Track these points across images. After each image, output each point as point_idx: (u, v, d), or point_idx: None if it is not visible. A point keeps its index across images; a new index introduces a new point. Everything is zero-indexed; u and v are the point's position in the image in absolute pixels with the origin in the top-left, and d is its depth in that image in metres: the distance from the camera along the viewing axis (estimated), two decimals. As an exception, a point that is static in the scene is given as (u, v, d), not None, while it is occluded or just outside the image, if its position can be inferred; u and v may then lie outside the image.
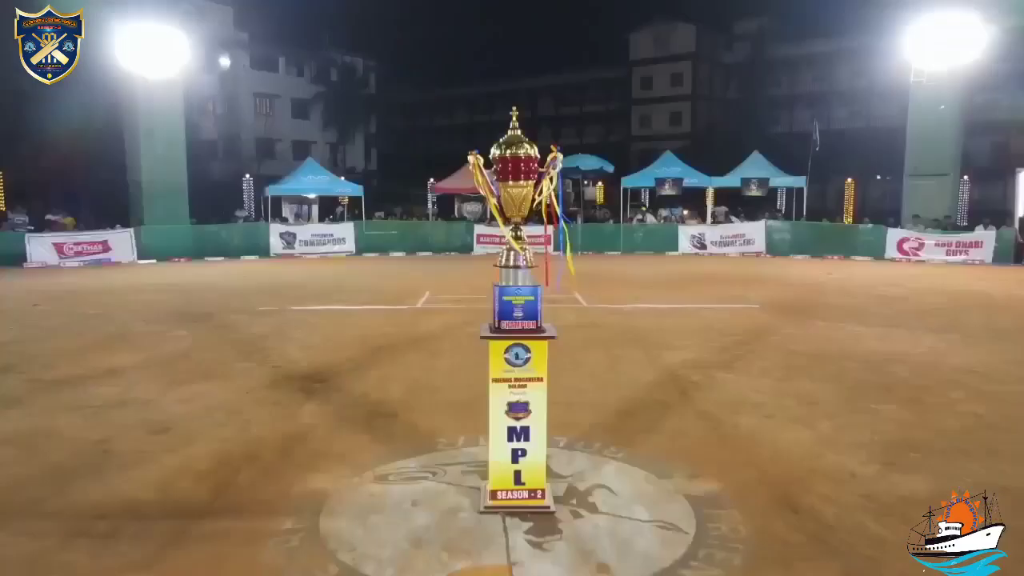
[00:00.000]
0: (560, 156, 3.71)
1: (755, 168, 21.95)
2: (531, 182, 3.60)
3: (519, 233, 3.67)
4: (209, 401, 5.78)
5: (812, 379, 6.48)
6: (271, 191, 21.85)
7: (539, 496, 3.68)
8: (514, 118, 3.69)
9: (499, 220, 3.68)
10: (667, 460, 4.41)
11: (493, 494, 3.68)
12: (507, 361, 3.61)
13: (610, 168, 24.62)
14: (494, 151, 3.60)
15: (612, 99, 57.80)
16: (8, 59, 9.63)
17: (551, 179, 3.69)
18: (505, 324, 3.61)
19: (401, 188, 39.58)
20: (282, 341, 8.23)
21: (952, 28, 18.00)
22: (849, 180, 33.83)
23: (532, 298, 3.60)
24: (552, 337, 3.64)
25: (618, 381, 6.39)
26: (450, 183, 23.52)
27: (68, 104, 21.04)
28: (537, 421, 3.65)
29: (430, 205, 25.02)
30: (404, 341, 8.19)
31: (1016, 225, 18.57)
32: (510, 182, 3.58)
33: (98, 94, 20.76)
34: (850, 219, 30.19)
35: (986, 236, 17.99)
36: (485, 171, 3.66)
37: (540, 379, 3.63)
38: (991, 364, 7.01)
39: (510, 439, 3.65)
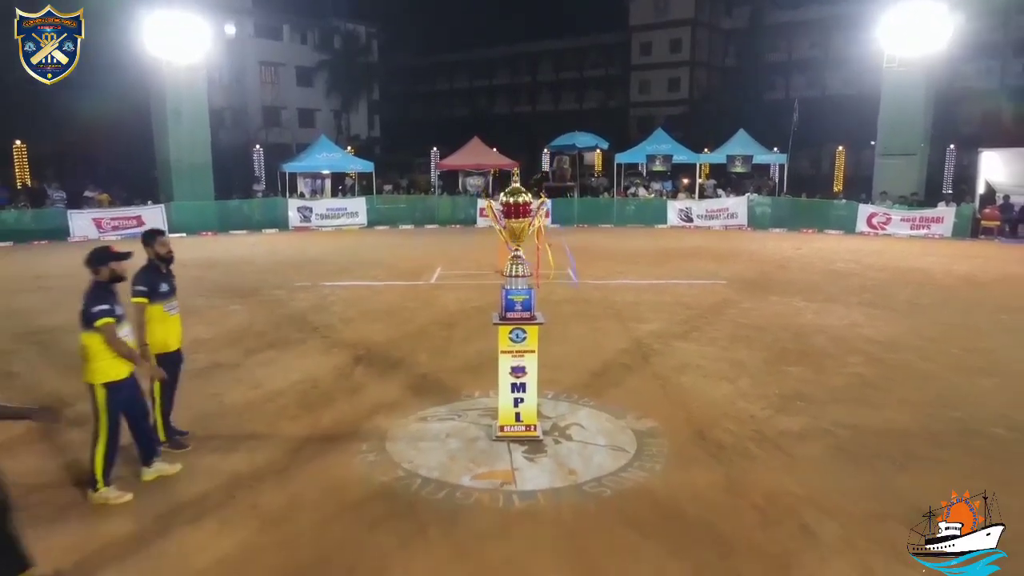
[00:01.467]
0: (548, 202, 5.41)
1: (740, 145, 23.43)
2: (527, 219, 5.30)
3: (519, 253, 5.38)
4: (282, 365, 7.57)
5: (748, 347, 8.26)
6: (287, 168, 23.40)
7: (532, 429, 5.48)
8: (515, 174, 5.38)
9: (508, 244, 5.37)
10: (624, 407, 6.20)
11: (501, 428, 5.48)
12: (511, 339, 5.36)
13: (605, 145, 26.06)
14: (502, 197, 5.30)
15: (612, 64, 58.33)
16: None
17: (539, 216, 5.38)
18: (509, 314, 5.36)
19: (405, 157, 40.75)
20: (324, 315, 9.99)
21: (921, 17, 19.35)
22: (840, 148, 35.20)
23: (527, 297, 5.34)
24: (541, 323, 5.40)
25: (596, 349, 8.17)
26: (454, 159, 25.04)
27: (96, 88, 22.52)
28: (531, 379, 5.42)
29: (433, 178, 26.50)
30: (424, 315, 9.95)
31: (976, 202, 20.15)
32: (512, 219, 5.28)
33: (125, 79, 22.19)
34: (840, 186, 31.69)
35: (947, 212, 19.63)
36: (496, 211, 5.37)
37: (533, 351, 5.39)
38: (895, 335, 8.78)
39: (512, 391, 5.43)
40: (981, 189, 20.39)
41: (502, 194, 5.35)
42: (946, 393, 6.62)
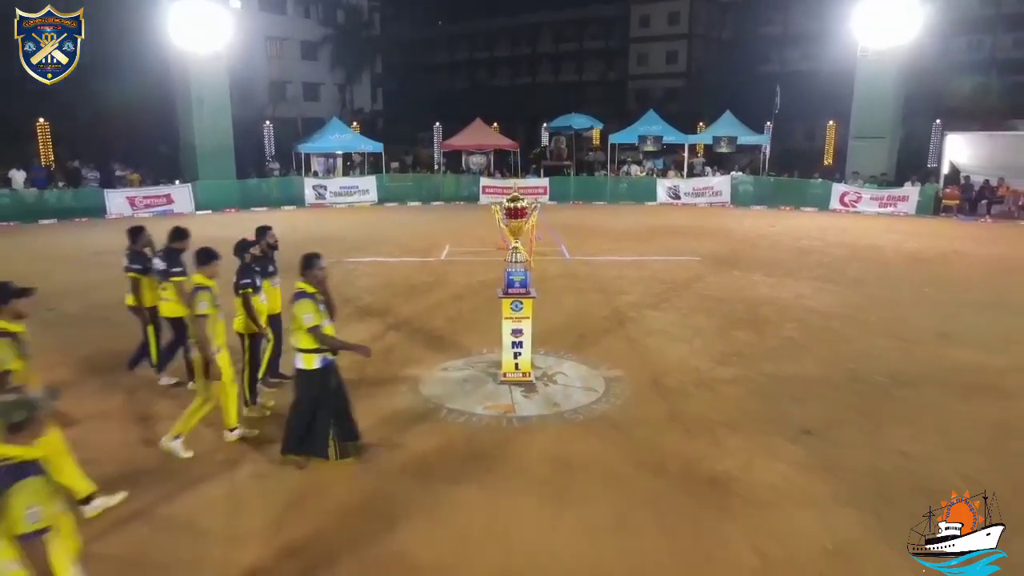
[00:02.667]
0: (538, 207, 7.15)
1: (726, 127, 25.00)
2: (523, 219, 7.07)
3: (518, 245, 7.15)
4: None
5: (706, 315, 10.07)
6: (303, 149, 25.06)
7: (528, 376, 7.31)
8: (515, 191, 7.13)
9: (510, 239, 7.15)
10: (599, 360, 8.02)
11: (504, 375, 7.31)
12: (511, 308, 7.16)
13: (600, 125, 27.62)
14: (505, 203, 7.06)
15: (611, 36, 59.15)
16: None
17: (531, 218, 7.15)
18: (510, 290, 7.15)
19: (408, 131, 42.08)
20: (353, 288, 11.78)
21: (892, 10, 20.81)
22: (831, 123, 36.64)
23: (523, 277, 7.13)
24: (535, 297, 7.20)
25: (581, 316, 9.97)
26: (458, 140, 26.65)
27: (115, 71, 24.03)
28: (527, 339, 7.24)
29: (438, 156, 28.08)
30: (438, 288, 11.76)
31: (940, 182, 21.82)
32: (512, 220, 7.05)
33: (142, 64, 23.67)
34: (831, 160, 33.29)
35: (912, 191, 21.32)
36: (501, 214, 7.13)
37: (528, 317, 7.20)
38: (830, 305, 10.58)
39: (512, 348, 7.24)
40: (946, 169, 22.04)
41: (505, 200, 7.12)
42: (852, 351, 8.45)
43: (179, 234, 7.27)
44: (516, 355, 7.27)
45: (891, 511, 4.90)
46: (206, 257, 6.03)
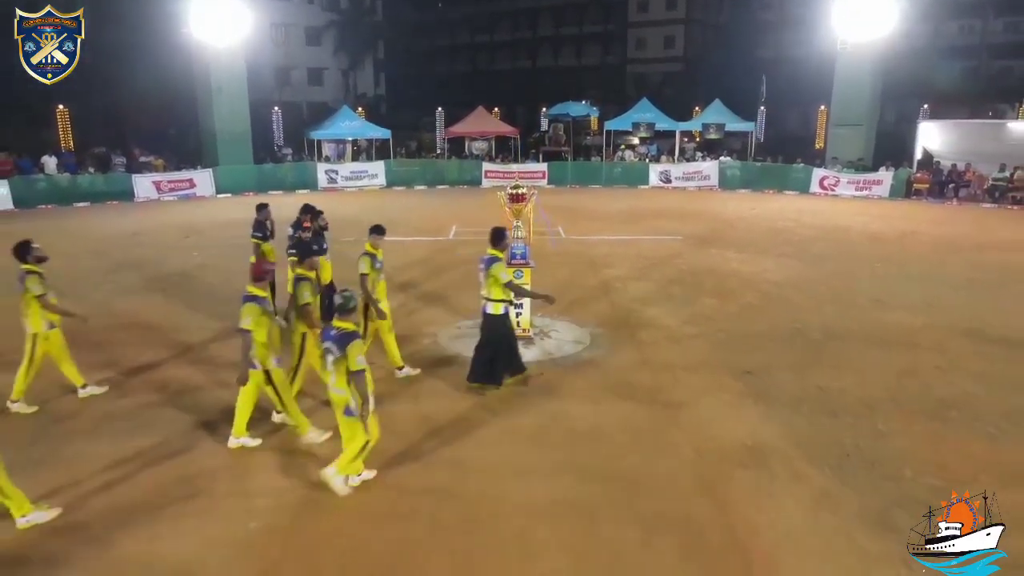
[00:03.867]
0: (535, 193, 8.76)
1: (715, 115, 26.49)
2: (524, 203, 8.67)
3: (519, 224, 8.76)
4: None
5: (680, 286, 11.70)
6: (314, 135, 26.58)
7: (527, 332, 8.95)
8: (517, 177, 8.73)
9: (512, 217, 8.75)
10: (587, 320, 9.66)
11: (508, 331, 8.95)
12: (514, 277, 8.78)
13: (596, 113, 29.10)
14: (508, 190, 8.66)
15: (610, 21, 60.14)
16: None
17: (530, 202, 8.76)
18: (513, 261, 8.77)
19: (411, 116, 43.36)
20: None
21: (869, 5, 22.25)
22: (823, 108, 38.02)
23: (524, 251, 8.75)
24: (533, 267, 8.82)
25: (573, 286, 11.58)
26: (461, 127, 28.14)
27: (142, 63, 25.48)
28: (526, 302, 8.87)
29: (441, 143, 29.54)
30: (449, 263, 13.38)
31: (914, 167, 23.35)
32: (515, 203, 8.66)
33: (169, 57, 25.08)
34: (821, 144, 34.75)
35: (886, 175, 22.87)
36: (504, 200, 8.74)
37: (528, 285, 8.82)
38: (788, 278, 12.21)
39: (515, 309, 8.87)
40: (919, 155, 23.57)
41: (509, 188, 8.72)
42: (798, 314, 10.09)
43: (307, 209, 9.42)
44: (517, 315, 8.89)
45: (800, 422, 6.60)
46: (378, 231, 7.99)
